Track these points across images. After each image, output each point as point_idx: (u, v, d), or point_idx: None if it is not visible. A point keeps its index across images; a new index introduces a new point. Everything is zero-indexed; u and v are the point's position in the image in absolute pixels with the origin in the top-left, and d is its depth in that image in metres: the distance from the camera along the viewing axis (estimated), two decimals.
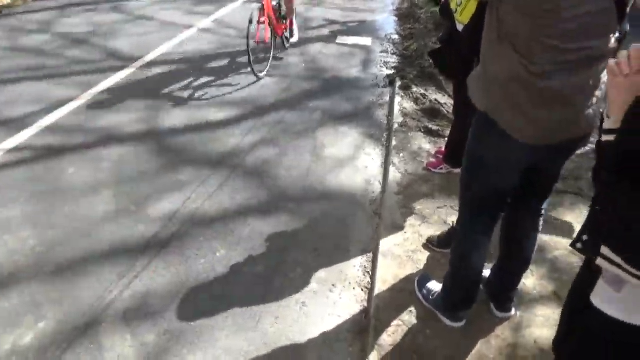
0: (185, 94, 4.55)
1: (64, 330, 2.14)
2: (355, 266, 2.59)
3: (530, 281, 2.35)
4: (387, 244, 2.63)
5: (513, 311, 2.15)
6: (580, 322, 1.20)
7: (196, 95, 4.54)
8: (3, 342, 2.07)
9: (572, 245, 1.08)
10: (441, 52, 2.85)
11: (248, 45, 4.56)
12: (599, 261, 1.01)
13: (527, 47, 1.46)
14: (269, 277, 2.48)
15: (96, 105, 4.28)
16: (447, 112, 4.10)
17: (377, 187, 3.27)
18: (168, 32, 6.31)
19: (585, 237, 1.06)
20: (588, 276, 1.14)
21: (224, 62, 5.35)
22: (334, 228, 2.86)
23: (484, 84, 1.66)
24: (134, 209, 2.95)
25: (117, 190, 3.13)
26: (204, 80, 4.87)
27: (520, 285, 2.26)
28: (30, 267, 2.49)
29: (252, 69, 4.72)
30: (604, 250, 0.99)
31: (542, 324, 2.12)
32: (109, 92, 4.53)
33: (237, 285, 2.42)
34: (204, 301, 2.33)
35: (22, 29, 6.34)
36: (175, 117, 4.10)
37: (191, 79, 4.88)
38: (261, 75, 4.87)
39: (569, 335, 1.27)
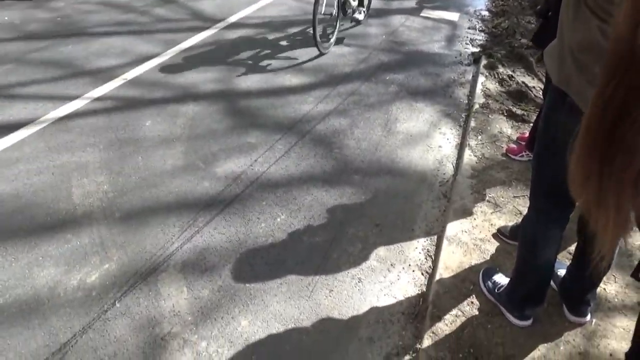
0: (263, 57, 4.54)
1: (126, 273, 2.22)
2: (417, 248, 2.47)
3: (612, 288, 2.12)
4: (453, 228, 2.48)
5: (588, 317, 1.95)
6: None
7: (273, 59, 4.51)
8: (71, 278, 2.19)
9: (634, 275, 0.88)
10: (542, 30, 2.58)
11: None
12: None
13: (608, 10, 1.21)
14: (327, 249, 2.43)
15: (177, 62, 4.38)
16: (535, 96, 3.79)
17: (449, 168, 3.09)
18: None
19: None
20: None
21: (303, 28, 5.27)
22: (398, 205, 2.75)
23: (558, 55, 1.45)
24: (201, 166, 3.00)
25: (187, 146, 3.19)
26: (282, 45, 4.83)
27: (600, 291, 2.06)
28: (101, 211, 2.60)
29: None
30: None
31: (622, 336, 1.91)
32: (190, 51, 4.61)
33: (294, 253, 2.39)
34: (260, 264, 2.32)
35: None
36: (250, 80, 4.10)
37: (270, 43, 4.86)
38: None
39: None
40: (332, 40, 4.79)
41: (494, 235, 2.43)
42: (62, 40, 4.76)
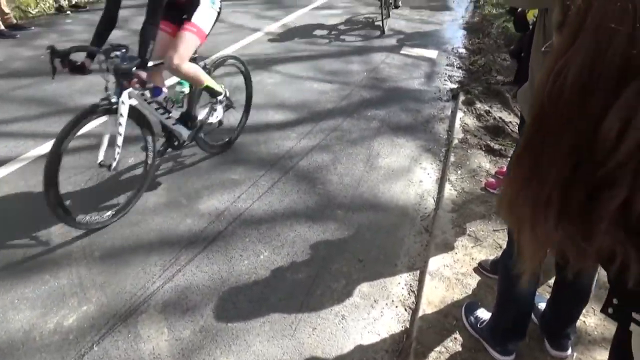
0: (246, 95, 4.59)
1: (105, 315, 2.18)
2: (400, 283, 2.47)
3: (592, 320, 2.14)
4: (435, 263, 2.50)
5: (569, 351, 1.96)
6: None
7: (256, 96, 4.57)
8: (48, 321, 2.13)
9: (603, 311, 0.90)
10: (520, 70, 2.71)
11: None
12: (633, 327, 0.85)
13: None
14: (310, 286, 2.42)
15: None
16: (512, 130, 3.89)
17: (430, 202, 3.13)
18: (236, 34, 6.44)
19: (616, 301, 0.88)
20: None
21: (285, 66, 5.38)
22: (381, 240, 2.76)
23: (531, 96, 1.53)
24: (184, 203, 2.99)
25: (170, 183, 3.18)
26: (265, 82, 4.91)
27: (580, 324, 2.07)
28: (81, 250, 2.56)
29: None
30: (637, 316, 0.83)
31: None
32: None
33: (278, 291, 2.38)
34: (243, 303, 2.30)
35: None
36: (233, 117, 4.14)
37: (253, 80, 4.93)
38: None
39: None
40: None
41: (475, 270, 2.45)
42: (46, 78, 4.76)
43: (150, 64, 2.68)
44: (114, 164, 2.67)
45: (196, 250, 2.60)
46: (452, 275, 2.42)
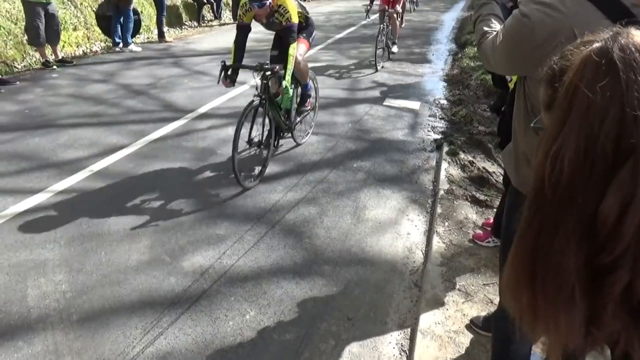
0: (232, 147, 4.60)
1: None
2: (391, 342, 2.39)
3: None
4: (426, 320, 2.43)
5: None
6: None
7: (242, 149, 4.58)
8: None
9: None
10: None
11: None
12: None
13: None
14: (299, 347, 2.32)
15: (146, 153, 4.40)
16: (496, 181, 3.93)
17: (418, 256, 3.10)
18: (222, 87, 6.52)
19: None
20: None
21: None
22: (370, 296, 2.70)
23: (515, 159, 1.55)
24: (168, 260, 2.91)
25: (154, 239, 3.11)
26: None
27: None
28: (58, 313, 2.45)
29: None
30: None
31: None
32: (159, 142, 4.66)
33: (264, 354, 2.28)
34: None
35: (88, 79, 6.76)
36: (219, 169, 4.13)
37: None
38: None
39: None
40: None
41: (467, 327, 2.39)
42: (28, 133, 4.75)
43: None
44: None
45: (179, 311, 2.51)
46: (444, 333, 2.35)
